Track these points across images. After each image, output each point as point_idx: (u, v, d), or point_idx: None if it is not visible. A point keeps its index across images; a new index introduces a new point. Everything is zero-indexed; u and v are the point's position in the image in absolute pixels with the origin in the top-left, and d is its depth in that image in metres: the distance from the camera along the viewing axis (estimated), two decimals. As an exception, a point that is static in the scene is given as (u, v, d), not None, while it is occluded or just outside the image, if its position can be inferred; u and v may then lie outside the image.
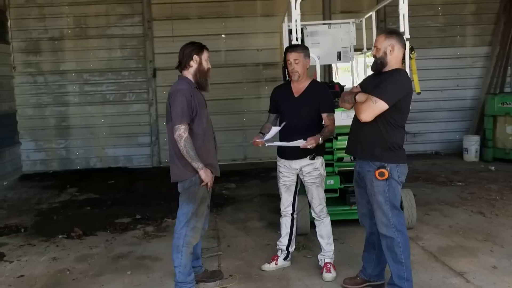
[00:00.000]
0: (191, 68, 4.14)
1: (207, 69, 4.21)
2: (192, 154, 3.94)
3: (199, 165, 3.98)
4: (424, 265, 4.76)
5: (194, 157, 3.95)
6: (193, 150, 3.94)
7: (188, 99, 3.96)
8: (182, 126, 3.93)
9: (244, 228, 6.23)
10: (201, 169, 3.99)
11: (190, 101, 3.97)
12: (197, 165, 3.97)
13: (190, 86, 4.06)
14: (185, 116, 3.94)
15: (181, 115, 3.93)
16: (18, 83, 10.40)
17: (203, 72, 4.17)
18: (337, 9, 10.69)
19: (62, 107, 10.61)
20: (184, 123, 3.94)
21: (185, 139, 3.92)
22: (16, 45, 10.32)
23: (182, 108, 3.93)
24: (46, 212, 7.41)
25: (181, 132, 3.92)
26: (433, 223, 6.05)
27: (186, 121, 3.95)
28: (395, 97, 3.71)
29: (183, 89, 4.00)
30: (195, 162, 3.96)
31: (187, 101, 3.95)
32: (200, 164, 3.98)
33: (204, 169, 4.00)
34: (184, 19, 10.54)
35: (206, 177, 4.03)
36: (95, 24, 10.46)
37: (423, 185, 8.12)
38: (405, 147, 3.99)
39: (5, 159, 9.79)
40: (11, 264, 5.32)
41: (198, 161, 3.97)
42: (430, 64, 10.96)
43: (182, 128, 3.93)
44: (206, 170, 4.02)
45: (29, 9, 10.29)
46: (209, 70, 4.23)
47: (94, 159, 10.77)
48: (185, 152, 3.94)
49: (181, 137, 3.92)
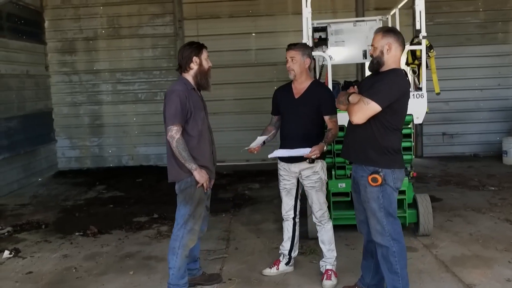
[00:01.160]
0: (192, 70, 4.10)
1: (208, 69, 4.15)
2: (184, 155, 3.88)
3: (193, 166, 3.92)
4: (431, 275, 4.52)
5: (187, 158, 3.90)
6: (185, 151, 3.89)
7: (182, 100, 3.91)
8: (174, 127, 3.88)
9: (256, 230, 6.13)
10: (195, 170, 3.93)
11: (185, 102, 3.92)
12: (191, 166, 3.92)
13: (186, 87, 4.01)
14: (178, 117, 3.89)
15: (174, 116, 3.88)
16: (54, 82, 10.72)
17: (204, 72, 4.12)
18: (371, 6, 10.41)
19: (96, 105, 10.85)
20: (177, 124, 3.89)
21: (177, 140, 3.88)
22: (52, 45, 10.62)
23: (175, 109, 3.88)
24: (70, 209, 7.57)
25: (173, 133, 3.88)
26: (453, 230, 5.75)
27: (178, 122, 3.90)
28: (388, 99, 3.51)
29: (177, 90, 3.95)
30: (188, 163, 3.91)
31: (181, 102, 3.90)
32: (193, 165, 3.92)
33: (198, 170, 3.94)
34: (215, 18, 10.55)
35: (201, 178, 3.96)
36: (127, 24, 10.61)
37: (453, 189, 7.78)
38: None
39: (40, 156, 10.12)
40: (23, 260, 5.44)
41: (191, 162, 3.91)
42: (469, 62, 10.56)
43: (174, 129, 3.88)
44: (200, 171, 3.95)
45: (64, 10, 10.56)
46: (209, 69, 4.17)
47: (126, 157, 10.95)
48: (178, 154, 3.90)
49: (173, 138, 3.88)
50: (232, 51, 10.53)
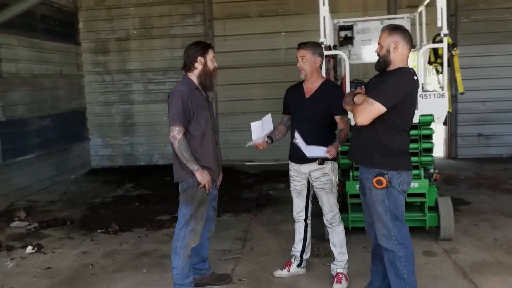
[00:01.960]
0: (196, 70, 4.08)
1: (213, 69, 4.13)
2: (186, 155, 3.88)
3: (195, 167, 3.91)
4: (447, 282, 4.36)
5: (189, 158, 3.89)
6: (187, 152, 3.88)
7: (185, 101, 3.90)
8: (176, 128, 3.88)
9: (274, 231, 6.08)
10: (196, 170, 3.91)
11: (187, 102, 3.91)
12: (192, 166, 3.91)
13: (189, 87, 4.00)
14: (180, 118, 3.88)
15: (176, 116, 3.88)
16: (87, 82, 10.96)
17: (209, 73, 4.09)
18: (403, 4, 10.16)
19: (128, 105, 11.03)
20: (178, 124, 3.88)
21: (178, 140, 3.87)
22: (86, 45, 10.86)
23: (177, 110, 3.88)
24: (96, 206, 7.71)
25: (175, 133, 3.88)
26: (477, 235, 5.54)
27: (180, 122, 3.89)
28: (393, 99, 3.39)
29: (180, 90, 3.95)
30: (190, 163, 3.90)
31: (183, 103, 3.89)
32: (195, 166, 3.91)
33: (200, 171, 3.92)
34: (244, 18, 10.53)
35: (203, 179, 3.94)
36: (158, 24, 10.73)
37: (484, 192, 7.50)
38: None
39: (73, 154, 10.37)
40: (45, 255, 5.58)
41: (193, 162, 3.90)
42: (507, 61, 10.17)
43: (176, 129, 3.88)
44: (202, 172, 3.94)
45: (98, 11, 10.77)
46: (214, 69, 4.15)
47: (156, 155, 11.09)
48: (180, 154, 3.89)
49: (175, 139, 3.88)
50: (261, 50, 10.49)
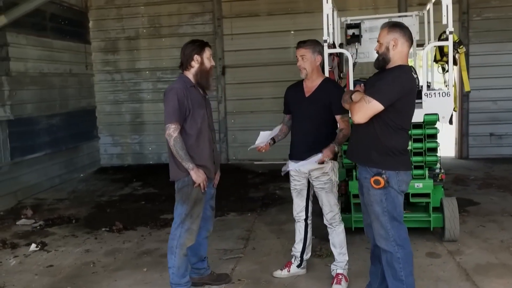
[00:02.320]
0: (193, 68, 4.06)
1: (210, 68, 4.10)
2: (181, 154, 3.86)
3: (190, 166, 3.88)
4: (450, 284, 4.28)
5: (184, 157, 3.87)
6: (182, 150, 3.86)
7: (181, 99, 3.87)
8: (172, 126, 3.86)
9: (278, 231, 6.03)
10: (191, 169, 3.89)
11: (183, 100, 3.88)
12: (187, 165, 3.88)
13: (185, 85, 3.97)
14: (175, 116, 3.86)
15: (172, 114, 3.86)
16: (97, 80, 11.01)
17: (205, 71, 4.06)
18: (414, 1, 10.02)
19: (137, 103, 11.06)
20: (174, 122, 3.86)
21: (174, 138, 3.86)
22: (95, 44, 10.91)
23: (173, 107, 3.86)
24: (103, 204, 7.74)
25: (171, 131, 3.86)
26: (483, 236, 5.44)
27: (176, 120, 3.87)
28: (391, 97, 3.33)
29: (176, 87, 3.93)
30: (185, 162, 3.88)
31: (179, 101, 3.86)
32: (190, 164, 3.88)
33: (195, 170, 3.90)
34: (253, 16, 10.49)
35: (198, 178, 3.91)
36: (167, 23, 10.73)
37: (493, 192, 7.37)
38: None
39: (83, 153, 10.42)
40: (48, 253, 5.59)
41: (188, 161, 3.88)
42: (519, 59, 9.99)
43: (172, 127, 3.86)
44: (197, 171, 3.91)
45: (108, 10, 10.82)
46: (211, 68, 4.12)
47: (165, 154, 11.00)
48: (175, 152, 3.88)
49: (171, 137, 3.86)
50: (271, 49, 10.43)
